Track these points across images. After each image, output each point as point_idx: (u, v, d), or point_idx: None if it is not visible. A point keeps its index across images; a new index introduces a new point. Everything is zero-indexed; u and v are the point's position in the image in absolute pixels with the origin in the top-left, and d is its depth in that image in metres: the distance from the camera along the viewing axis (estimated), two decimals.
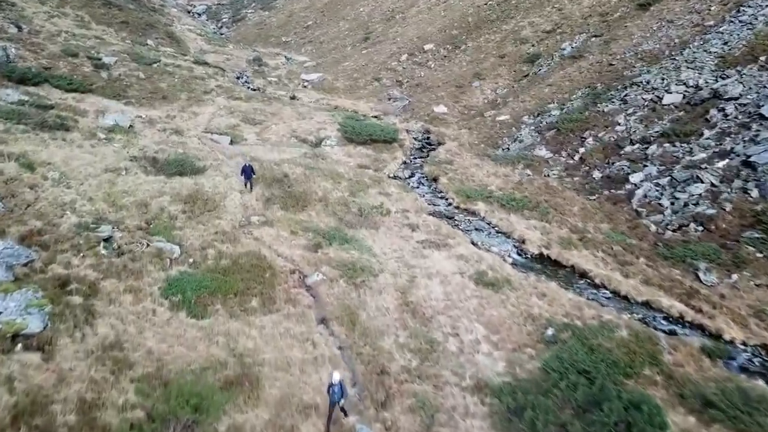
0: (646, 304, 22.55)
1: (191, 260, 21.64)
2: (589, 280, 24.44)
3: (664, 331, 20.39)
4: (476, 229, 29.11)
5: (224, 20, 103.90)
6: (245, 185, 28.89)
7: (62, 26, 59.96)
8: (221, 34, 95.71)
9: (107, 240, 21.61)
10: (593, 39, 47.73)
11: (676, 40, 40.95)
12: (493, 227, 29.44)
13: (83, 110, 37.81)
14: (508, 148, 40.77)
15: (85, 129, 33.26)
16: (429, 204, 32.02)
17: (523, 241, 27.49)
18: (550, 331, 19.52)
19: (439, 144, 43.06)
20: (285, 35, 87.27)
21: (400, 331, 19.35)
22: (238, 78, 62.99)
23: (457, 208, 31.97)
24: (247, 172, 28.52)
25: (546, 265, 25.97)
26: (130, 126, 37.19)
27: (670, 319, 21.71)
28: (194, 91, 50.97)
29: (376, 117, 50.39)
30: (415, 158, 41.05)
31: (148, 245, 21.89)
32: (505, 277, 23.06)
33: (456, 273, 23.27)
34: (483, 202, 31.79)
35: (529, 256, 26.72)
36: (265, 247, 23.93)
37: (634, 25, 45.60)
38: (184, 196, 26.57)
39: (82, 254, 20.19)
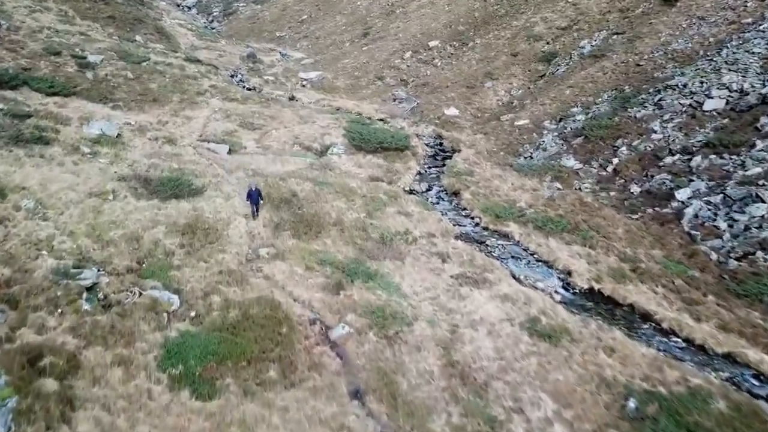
0: (729, 357, 18.91)
1: (193, 313, 17.74)
2: (654, 324, 20.75)
3: (764, 399, 16.76)
4: (513, 257, 25.39)
5: (215, 14, 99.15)
6: (252, 212, 24.91)
7: (44, 22, 55.37)
8: (212, 28, 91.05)
9: (91, 289, 17.73)
10: (615, 37, 43.99)
11: (711, 39, 37.29)
12: (531, 254, 25.72)
13: (65, 117, 33.61)
14: (531, 157, 37.02)
15: (67, 141, 29.15)
16: (454, 224, 28.24)
17: (569, 273, 23.79)
18: (632, 403, 15.85)
19: (454, 151, 39.23)
20: (279, 30, 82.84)
21: (451, 407, 15.59)
22: (232, 76, 58.76)
23: (486, 229, 28.21)
24: (254, 196, 24.51)
25: (599, 302, 22.30)
26: (118, 135, 33.10)
27: (762, 377, 18.09)
28: (187, 92, 46.76)
29: (382, 120, 46.46)
30: (430, 168, 37.22)
31: (140, 294, 17.99)
32: (562, 325, 19.34)
33: (504, 320, 19.52)
34: (515, 222, 28.07)
35: (577, 291, 23.01)
36: (278, 289, 20.09)
37: (660, 22, 41.89)
38: (181, 226, 22.61)
39: (60, 310, 16.31)
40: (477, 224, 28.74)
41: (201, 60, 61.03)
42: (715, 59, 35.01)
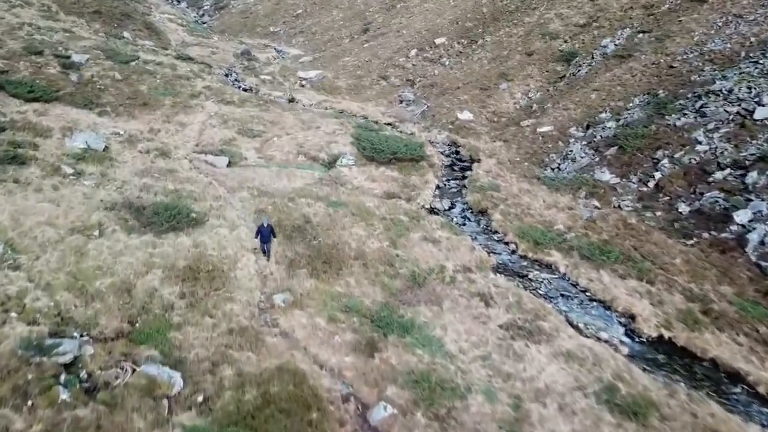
0: None
1: (200, 397, 13.93)
2: (747, 387, 17.23)
3: None
4: (563, 296, 21.78)
5: (206, 7, 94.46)
6: (263, 251, 20.98)
7: (25, 17, 51.01)
8: (203, 23, 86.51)
9: (71, 365, 13.92)
10: (641, 35, 40.34)
11: (752, 39, 33.72)
12: (582, 291, 22.11)
13: (46, 128, 29.63)
14: (559, 168, 33.39)
15: (46, 159, 25.22)
16: (489, 253, 24.57)
17: (632, 317, 20.22)
18: None
19: (473, 161, 35.51)
20: (273, 25, 78.52)
21: None
22: (226, 75, 54.61)
23: (525, 258, 24.57)
24: (265, 234, 20.46)
25: (672, 355, 18.75)
26: (105, 148, 29.18)
27: None
28: (179, 95, 42.69)
29: (390, 124, 42.64)
30: (449, 180, 33.48)
31: (133, 371, 14.19)
32: (645, 395, 15.78)
33: (575, 389, 15.94)
34: (557, 250, 24.47)
35: (645, 340, 19.44)
36: (300, 352, 16.38)
37: (691, 20, 38.28)
38: (181, 269, 18.77)
39: (30, 403, 12.51)
40: (513, 252, 25.10)
41: (193, 58, 56.88)
42: (761, 62, 31.50)
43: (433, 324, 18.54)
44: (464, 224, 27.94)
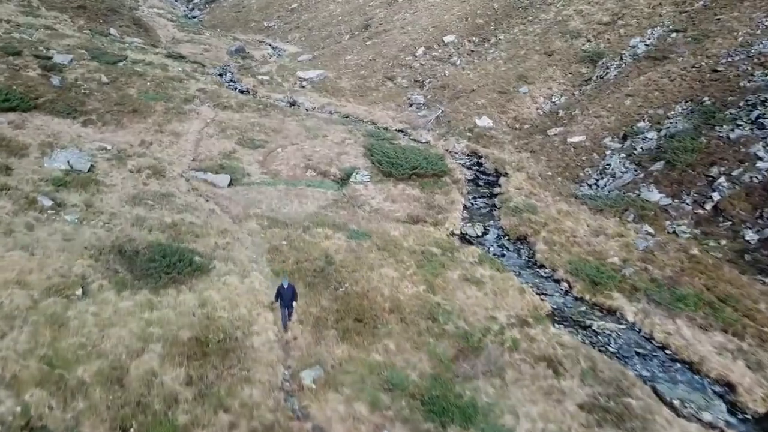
0: None
1: None
2: None
3: None
4: (638, 354, 18.02)
5: (195, 1, 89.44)
6: (282, 318, 16.63)
7: (2, 14, 46.42)
8: (193, 17, 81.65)
9: None
10: (675, 35, 36.51)
11: None
12: (660, 347, 18.36)
13: (22, 145, 25.59)
14: (596, 185, 29.64)
15: (20, 188, 21.10)
16: (539, 293, 20.80)
17: (730, 386, 16.54)
18: None
19: (499, 174, 31.66)
20: (267, 19, 73.93)
21: None
22: (221, 75, 50.30)
23: (582, 300, 20.79)
24: (287, 297, 16.18)
25: None
26: (91, 168, 25.10)
27: None
28: (172, 99, 38.46)
29: (401, 131, 38.70)
30: (475, 198, 29.60)
31: None
32: None
33: None
34: (619, 291, 20.74)
35: (750, 417, 15.77)
36: None
37: (731, 19, 34.53)
38: (185, 342, 14.73)
39: None
40: (567, 292, 21.31)
41: (185, 56, 52.56)
42: None
43: (499, 406, 14.72)
44: (503, 255, 24.14)
